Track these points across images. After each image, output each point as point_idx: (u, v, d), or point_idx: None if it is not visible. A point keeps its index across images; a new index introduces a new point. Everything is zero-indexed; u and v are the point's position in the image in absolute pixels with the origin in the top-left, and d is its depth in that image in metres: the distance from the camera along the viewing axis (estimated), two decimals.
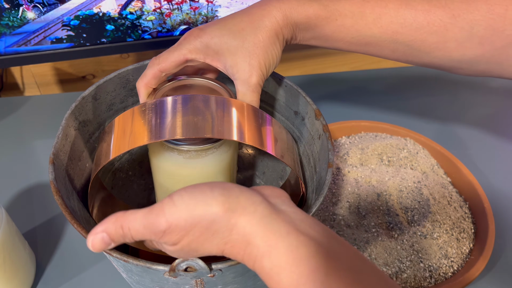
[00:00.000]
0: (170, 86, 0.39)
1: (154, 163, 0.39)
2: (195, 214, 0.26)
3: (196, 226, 0.27)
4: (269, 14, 0.36)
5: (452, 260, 0.51)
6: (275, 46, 0.37)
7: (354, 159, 0.60)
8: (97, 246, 0.28)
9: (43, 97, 0.76)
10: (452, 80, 0.81)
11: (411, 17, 0.37)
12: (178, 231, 0.27)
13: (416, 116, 0.74)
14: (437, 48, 0.38)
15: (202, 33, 0.37)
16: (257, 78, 0.36)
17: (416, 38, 0.37)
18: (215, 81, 0.40)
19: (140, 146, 0.48)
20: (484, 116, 0.74)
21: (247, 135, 0.34)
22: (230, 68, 0.36)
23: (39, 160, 0.65)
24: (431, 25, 0.36)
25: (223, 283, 0.35)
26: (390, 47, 0.39)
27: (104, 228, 0.28)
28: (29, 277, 0.50)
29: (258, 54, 0.36)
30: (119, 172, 0.50)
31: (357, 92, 0.78)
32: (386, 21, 0.37)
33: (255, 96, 0.37)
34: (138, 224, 0.27)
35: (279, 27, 0.37)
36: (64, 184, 0.37)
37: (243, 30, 0.36)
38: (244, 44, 0.36)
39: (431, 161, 0.62)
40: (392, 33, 0.37)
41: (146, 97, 0.38)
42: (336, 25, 0.37)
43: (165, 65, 0.37)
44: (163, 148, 0.37)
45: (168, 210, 0.27)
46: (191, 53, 0.37)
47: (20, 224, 0.55)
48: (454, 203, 0.56)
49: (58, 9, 0.55)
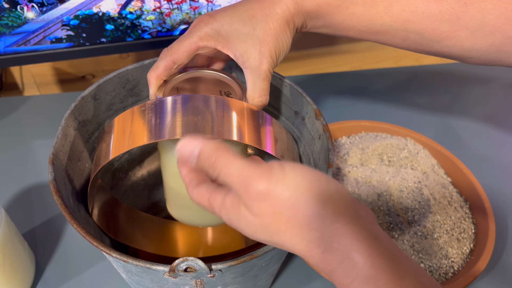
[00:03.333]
0: (181, 78, 0.39)
1: (163, 161, 0.40)
2: (301, 198, 0.24)
3: (296, 210, 0.24)
4: (280, 2, 0.36)
5: (453, 261, 0.51)
6: (286, 34, 0.37)
7: (355, 159, 0.60)
8: (184, 152, 0.27)
9: (43, 97, 0.76)
10: (453, 79, 0.81)
11: (423, 5, 0.36)
12: (272, 203, 0.25)
13: (417, 116, 0.74)
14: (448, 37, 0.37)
15: (213, 19, 0.36)
16: (267, 65, 0.36)
17: (427, 26, 0.37)
18: (225, 73, 0.40)
19: (140, 146, 0.48)
20: (485, 116, 0.74)
21: (247, 135, 0.34)
22: (240, 56, 0.36)
23: (38, 160, 0.65)
24: (442, 13, 0.36)
25: (223, 283, 0.35)
26: (401, 35, 0.38)
27: (200, 147, 0.26)
28: (28, 277, 0.50)
29: (269, 42, 0.36)
30: (118, 172, 0.50)
31: (357, 92, 0.78)
32: (397, 9, 0.37)
33: (265, 83, 0.36)
34: (235, 168, 0.25)
35: (290, 15, 0.36)
36: (64, 184, 0.37)
37: (254, 17, 0.36)
38: (255, 32, 0.36)
39: (431, 161, 0.61)
40: (403, 22, 0.37)
41: (156, 89, 0.38)
42: (347, 13, 0.37)
43: (177, 55, 0.37)
44: (171, 146, 0.37)
45: (276, 176, 0.25)
46: (202, 40, 0.36)
47: (19, 224, 0.55)
48: (455, 203, 0.56)
49: (57, 9, 0.55)
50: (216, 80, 0.39)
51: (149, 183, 0.55)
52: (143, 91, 0.46)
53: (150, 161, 0.53)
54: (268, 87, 0.37)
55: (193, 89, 0.39)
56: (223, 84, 0.39)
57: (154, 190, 0.56)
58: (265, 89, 0.36)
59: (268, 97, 0.37)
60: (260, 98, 0.36)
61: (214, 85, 0.39)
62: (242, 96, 0.38)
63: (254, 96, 0.36)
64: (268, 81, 0.37)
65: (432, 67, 0.83)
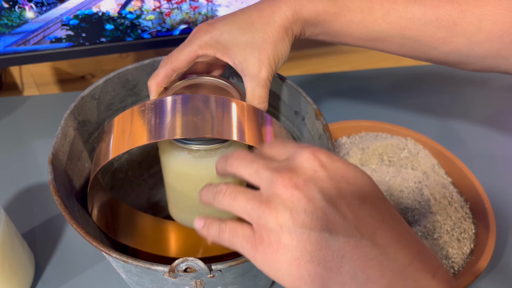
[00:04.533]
0: (181, 85, 0.40)
1: (164, 162, 0.40)
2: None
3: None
4: (279, 10, 0.36)
5: (453, 261, 0.51)
6: (284, 42, 0.37)
7: (355, 159, 0.60)
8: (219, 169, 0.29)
9: (42, 97, 0.76)
10: (453, 79, 0.81)
11: (419, 12, 0.37)
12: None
13: (417, 116, 0.74)
14: (445, 43, 0.38)
15: (212, 28, 0.37)
16: (266, 73, 0.36)
17: (424, 33, 0.37)
18: (224, 79, 0.41)
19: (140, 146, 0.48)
20: (485, 116, 0.74)
21: (247, 135, 0.34)
22: (239, 64, 0.37)
23: (38, 160, 0.65)
24: (439, 20, 0.36)
25: (223, 284, 0.35)
26: (398, 42, 0.39)
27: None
28: (28, 278, 0.50)
29: (267, 50, 0.36)
30: (118, 172, 0.50)
31: (358, 92, 0.78)
32: (395, 17, 0.37)
33: (264, 91, 0.37)
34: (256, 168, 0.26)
35: (288, 23, 0.37)
36: (63, 184, 0.37)
37: (253, 26, 0.36)
38: (254, 40, 0.36)
39: (432, 161, 0.61)
40: (400, 28, 0.37)
41: (157, 95, 0.39)
42: (345, 21, 0.37)
43: (177, 64, 0.37)
44: (172, 147, 0.37)
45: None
46: (202, 49, 0.37)
47: (19, 225, 0.55)
48: (455, 203, 0.56)
49: (57, 9, 0.55)
50: (216, 86, 0.40)
51: (149, 183, 0.54)
52: (142, 91, 0.46)
53: (150, 161, 0.53)
54: (267, 95, 0.37)
55: None
56: (223, 91, 0.39)
57: (154, 190, 0.56)
58: (264, 96, 0.37)
59: (267, 104, 0.38)
60: (258, 105, 0.37)
61: (213, 91, 0.39)
62: None
63: (253, 103, 0.37)
64: (267, 89, 0.37)
65: (432, 67, 0.83)
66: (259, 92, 0.37)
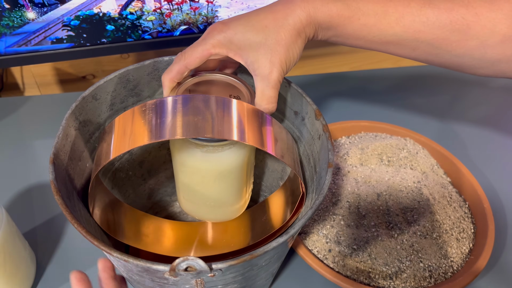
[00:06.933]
0: (193, 81, 0.41)
1: (175, 156, 0.41)
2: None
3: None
4: (293, 13, 0.37)
5: (452, 260, 0.51)
6: (297, 45, 0.37)
7: (354, 159, 0.60)
8: None
9: (43, 97, 0.76)
10: (452, 80, 0.81)
11: (433, 15, 0.36)
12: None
13: (416, 116, 0.74)
14: (458, 46, 0.37)
15: (226, 28, 0.37)
16: (277, 74, 0.37)
17: (438, 36, 0.37)
18: (235, 77, 0.41)
19: (141, 146, 0.48)
20: (484, 116, 0.74)
21: (247, 135, 0.34)
22: (251, 64, 0.37)
23: (39, 160, 0.65)
24: (453, 23, 0.36)
25: (223, 283, 0.35)
26: (411, 45, 0.38)
27: None
28: (29, 277, 0.50)
29: (280, 52, 0.36)
30: (119, 172, 0.50)
31: (357, 92, 0.78)
32: (408, 20, 0.37)
33: (274, 92, 0.37)
34: None
35: (302, 26, 0.37)
36: (64, 184, 0.37)
37: (266, 28, 0.37)
38: (267, 42, 0.36)
39: (431, 161, 0.62)
40: (414, 32, 0.37)
41: (170, 90, 0.40)
42: (358, 24, 0.38)
43: (190, 60, 0.38)
44: (183, 142, 0.39)
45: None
46: (215, 48, 0.37)
47: (20, 224, 0.55)
48: (454, 203, 0.56)
49: (58, 9, 0.55)
50: (227, 83, 0.41)
51: (150, 183, 0.55)
52: (143, 91, 0.46)
53: (150, 161, 0.53)
54: (276, 95, 0.37)
55: (205, 92, 0.40)
56: (233, 88, 0.40)
57: (155, 190, 0.56)
58: (273, 97, 0.37)
59: (275, 105, 0.38)
60: (267, 105, 0.37)
61: (224, 88, 0.40)
62: (251, 100, 0.39)
63: (262, 103, 0.37)
64: (277, 90, 0.37)
65: (431, 67, 0.83)
66: (269, 92, 0.37)
